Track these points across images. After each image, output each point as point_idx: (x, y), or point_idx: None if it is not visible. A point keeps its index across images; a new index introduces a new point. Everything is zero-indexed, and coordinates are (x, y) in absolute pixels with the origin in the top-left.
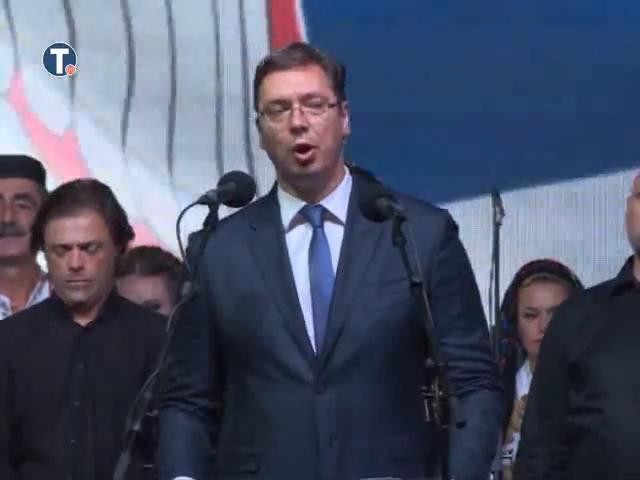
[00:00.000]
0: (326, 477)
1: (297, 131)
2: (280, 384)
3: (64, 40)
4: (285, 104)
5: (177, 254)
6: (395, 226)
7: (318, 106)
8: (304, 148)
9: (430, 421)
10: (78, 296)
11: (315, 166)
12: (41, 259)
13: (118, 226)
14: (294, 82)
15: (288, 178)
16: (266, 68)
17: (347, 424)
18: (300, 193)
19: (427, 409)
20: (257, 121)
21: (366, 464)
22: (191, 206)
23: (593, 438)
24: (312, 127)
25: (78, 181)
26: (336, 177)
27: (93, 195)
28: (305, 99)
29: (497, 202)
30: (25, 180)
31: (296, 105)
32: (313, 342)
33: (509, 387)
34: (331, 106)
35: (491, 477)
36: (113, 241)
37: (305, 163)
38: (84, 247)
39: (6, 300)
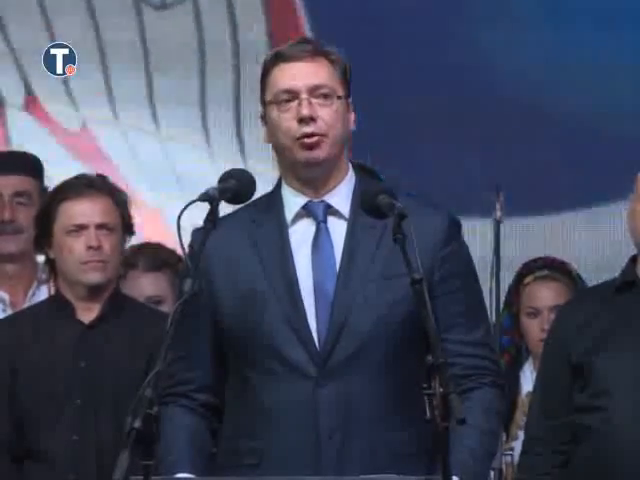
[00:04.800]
0: (326, 471)
1: (305, 121)
2: (281, 378)
3: None
4: (293, 94)
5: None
6: (395, 223)
7: (327, 97)
8: (311, 135)
9: (430, 419)
10: (96, 277)
11: (321, 152)
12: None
13: (126, 214)
14: (303, 73)
15: (293, 168)
16: (275, 60)
17: (348, 418)
18: (304, 187)
19: (427, 407)
20: (262, 116)
21: (366, 458)
22: (192, 203)
23: (596, 437)
24: (320, 118)
25: (83, 174)
26: (340, 172)
27: (103, 183)
28: (313, 90)
29: (498, 200)
30: (24, 177)
31: (304, 96)
32: (315, 337)
33: (513, 384)
34: (339, 98)
35: (491, 474)
36: (122, 228)
37: (311, 147)
38: (100, 227)
39: (5, 296)
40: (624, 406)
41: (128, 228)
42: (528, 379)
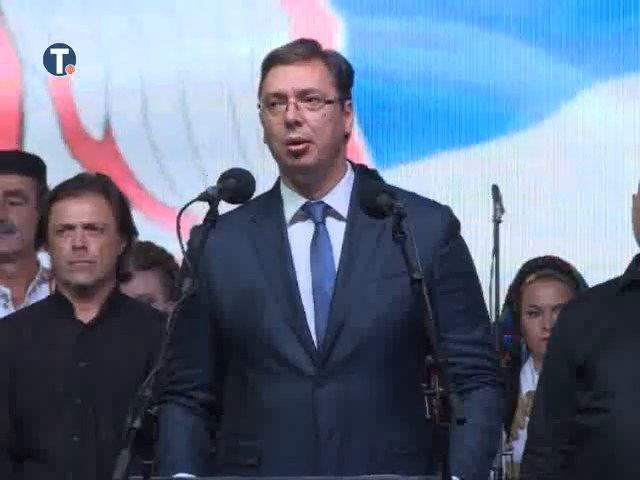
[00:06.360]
0: (326, 471)
1: (291, 125)
2: (281, 378)
3: None
4: (282, 98)
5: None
6: (395, 223)
7: (315, 101)
8: (297, 142)
9: (430, 418)
10: (81, 278)
11: (307, 159)
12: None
13: (123, 214)
14: (293, 77)
15: (285, 172)
16: (270, 62)
17: (347, 418)
18: (301, 189)
19: (427, 406)
20: (261, 115)
21: (366, 458)
22: (191, 202)
23: (599, 438)
24: (307, 122)
25: (83, 173)
26: (337, 174)
27: (98, 182)
28: (302, 94)
29: (497, 199)
30: (17, 176)
31: (292, 100)
32: (314, 336)
33: (513, 384)
34: (329, 102)
35: (491, 474)
36: (118, 228)
37: (297, 155)
38: (88, 227)
39: (7, 291)
40: (627, 407)
41: (126, 229)
42: (528, 378)
